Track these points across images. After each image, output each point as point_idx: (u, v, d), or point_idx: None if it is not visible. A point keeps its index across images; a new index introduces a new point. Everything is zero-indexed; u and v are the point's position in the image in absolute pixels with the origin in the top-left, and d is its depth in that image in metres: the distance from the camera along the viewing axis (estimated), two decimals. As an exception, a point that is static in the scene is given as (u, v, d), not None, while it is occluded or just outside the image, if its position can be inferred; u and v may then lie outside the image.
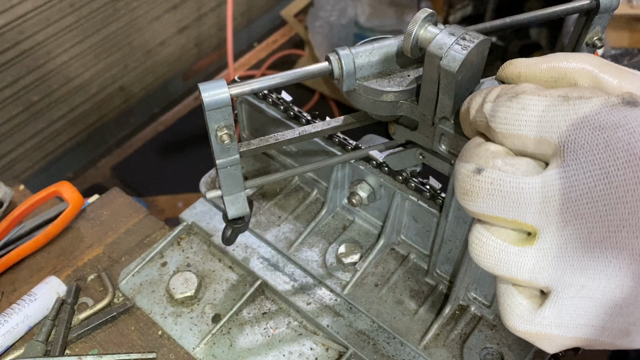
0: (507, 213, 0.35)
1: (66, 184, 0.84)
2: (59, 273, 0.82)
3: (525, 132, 0.35)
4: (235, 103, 0.85)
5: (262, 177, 0.61)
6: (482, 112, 0.38)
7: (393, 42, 0.50)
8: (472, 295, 0.75)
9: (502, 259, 0.36)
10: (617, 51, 1.69)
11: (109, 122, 2.18)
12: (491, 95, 0.38)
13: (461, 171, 0.37)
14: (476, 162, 0.36)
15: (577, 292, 0.35)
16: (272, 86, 0.49)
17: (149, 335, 0.75)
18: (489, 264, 0.37)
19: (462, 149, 0.39)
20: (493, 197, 0.35)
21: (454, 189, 0.38)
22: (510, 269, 0.36)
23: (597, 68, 0.38)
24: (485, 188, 0.35)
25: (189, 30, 2.28)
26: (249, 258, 0.80)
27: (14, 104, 1.78)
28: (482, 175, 0.36)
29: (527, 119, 0.35)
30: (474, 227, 0.38)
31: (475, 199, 0.36)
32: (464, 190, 0.37)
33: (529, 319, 0.37)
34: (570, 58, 0.39)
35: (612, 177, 0.32)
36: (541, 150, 0.35)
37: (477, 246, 0.37)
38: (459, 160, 0.38)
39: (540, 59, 0.41)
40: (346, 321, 0.74)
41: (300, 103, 2.15)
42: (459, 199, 0.38)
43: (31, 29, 1.71)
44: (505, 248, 0.36)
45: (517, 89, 0.37)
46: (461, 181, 0.37)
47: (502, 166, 0.35)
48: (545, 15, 0.54)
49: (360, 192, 0.77)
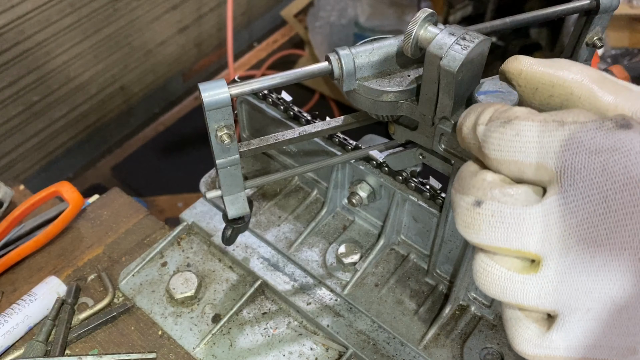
0: (510, 243, 0.35)
1: (66, 184, 0.84)
2: (59, 273, 0.82)
3: (521, 158, 0.35)
4: (235, 103, 0.85)
5: (262, 177, 0.61)
6: (474, 134, 0.38)
7: (393, 42, 0.50)
8: (472, 295, 0.75)
9: (507, 287, 0.37)
10: (617, 51, 1.69)
11: (109, 122, 2.18)
12: (483, 117, 0.38)
13: (460, 204, 0.37)
14: (474, 195, 0.36)
15: (583, 315, 0.35)
16: (272, 86, 0.49)
17: (149, 335, 0.75)
18: (494, 292, 0.37)
19: (457, 177, 0.39)
20: (495, 229, 0.35)
21: (455, 220, 0.38)
22: (516, 296, 0.36)
23: (596, 83, 0.38)
24: (486, 221, 0.36)
25: (189, 30, 2.29)
26: (249, 258, 0.80)
27: (14, 104, 1.78)
28: (482, 208, 0.36)
29: (522, 145, 0.35)
30: (478, 256, 0.38)
31: (478, 232, 0.36)
32: (466, 223, 0.37)
33: (538, 343, 0.37)
34: (572, 68, 0.39)
35: (610, 201, 0.33)
36: (538, 176, 0.35)
37: (482, 275, 0.38)
38: (455, 191, 0.38)
39: (544, 62, 0.40)
40: (346, 321, 0.74)
41: (300, 103, 2.15)
42: (460, 232, 0.38)
43: (31, 29, 1.71)
44: (510, 277, 0.36)
45: (510, 113, 0.37)
46: (461, 214, 0.37)
47: (500, 197, 0.35)
48: (545, 15, 0.54)
49: (360, 192, 0.77)
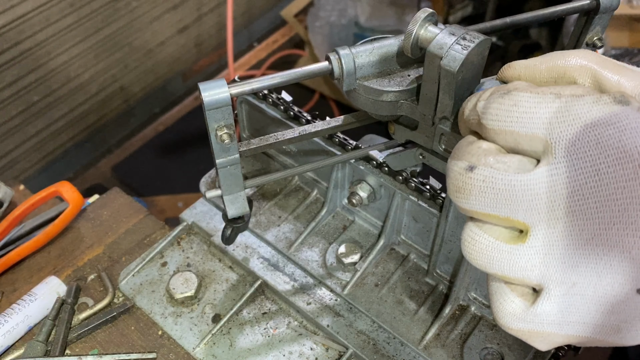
0: (499, 210, 0.35)
1: (66, 184, 0.84)
2: (59, 273, 0.82)
3: (517, 128, 0.35)
4: (235, 103, 0.85)
5: (262, 177, 0.61)
6: (474, 110, 0.39)
7: (393, 41, 0.50)
8: (472, 295, 0.75)
9: (494, 257, 0.36)
10: (617, 51, 1.69)
11: (109, 122, 2.18)
12: (485, 94, 0.39)
13: (453, 169, 0.37)
14: (468, 160, 0.37)
15: (568, 289, 0.35)
16: (272, 86, 0.49)
17: (149, 335, 0.75)
18: (481, 262, 0.37)
19: (455, 147, 0.40)
20: (485, 195, 0.35)
21: (447, 186, 0.38)
22: (502, 266, 0.36)
23: (596, 64, 0.38)
24: (477, 185, 0.36)
25: (189, 30, 2.29)
26: (249, 258, 0.80)
27: (14, 104, 1.78)
28: (474, 173, 0.36)
29: (519, 115, 0.35)
30: (467, 225, 0.38)
31: (468, 197, 0.36)
32: (457, 187, 0.37)
33: (522, 317, 0.37)
34: (568, 55, 0.39)
35: (602, 174, 0.32)
36: (532, 147, 0.35)
37: (469, 244, 0.38)
38: (451, 158, 0.39)
39: (538, 59, 0.41)
40: (346, 321, 0.74)
41: (300, 103, 2.15)
42: (451, 196, 0.38)
43: (31, 29, 1.71)
44: (497, 246, 0.36)
45: (510, 86, 0.37)
46: (453, 179, 0.37)
47: (494, 163, 0.35)
48: (545, 15, 0.54)
49: (360, 192, 0.77)
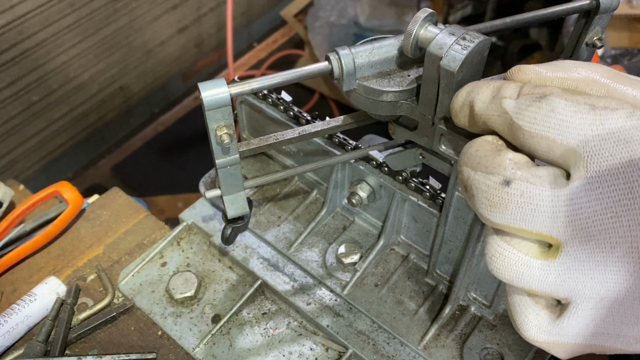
0: (534, 225, 0.35)
1: (66, 184, 0.84)
2: (58, 273, 0.82)
3: (554, 135, 0.35)
4: (235, 103, 0.85)
5: (262, 177, 0.61)
6: (499, 107, 0.38)
7: (393, 42, 0.50)
8: (472, 295, 0.75)
9: (524, 272, 0.36)
10: (617, 51, 1.69)
11: (108, 122, 2.18)
12: (509, 91, 0.38)
13: (486, 182, 0.36)
14: (501, 173, 0.36)
15: (596, 303, 0.35)
16: (272, 86, 0.49)
17: (149, 335, 0.75)
18: (509, 277, 0.37)
19: (470, 154, 0.38)
20: (523, 209, 0.35)
21: (473, 200, 0.37)
22: (531, 282, 0.36)
23: (609, 79, 0.38)
24: (514, 201, 0.35)
25: (189, 30, 2.28)
26: (249, 258, 0.80)
27: (14, 104, 1.78)
28: (511, 188, 0.35)
29: (556, 122, 0.35)
30: (492, 239, 0.38)
31: (504, 211, 0.36)
32: (491, 202, 0.36)
33: (548, 330, 0.37)
34: (580, 68, 0.39)
35: (635, 192, 0.32)
36: (564, 157, 0.35)
37: (497, 260, 0.37)
38: (472, 169, 0.37)
39: (549, 66, 0.40)
40: (346, 321, 0.74)
41: (300, 103, 2.14)
42: (483, 211, 0.37)
43: (31, 29, 1.71)
44: (528, 262, 0.36)
45: (545, 90, 0.36)
46: (487, 193, 0.36)
47: (530, 178, 0.35)
48: (545, 15, 0.54)
49: (360, 192, 0.77)
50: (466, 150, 0.39)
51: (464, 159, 0.39)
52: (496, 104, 0.38)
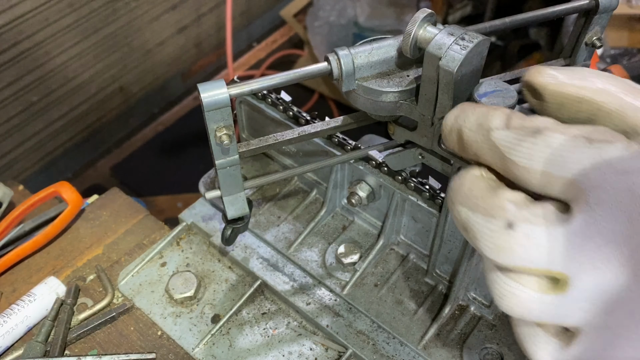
0: (540, 264, 0.35)
1: (65, 184, 0.84)
2: (58, 273, 0.82)
3: (552, 170, 0.35)
4: (234, 103, 0.85)
5: (262, 177, 0.62)
6: (489, 140, 0.37)
7: (392, 42, 0.50)
8: (472, 295, 0.75)
9: (535, 308, 0.36)
10: (617, 51, 1.69)
11: (108, 122, 2.18)
12: (495, 122, 0.37)
13: (489, 227, 0.36)
14: (503, 217, 0.35)
15: (604, 331, 0.35)
16: (271, 86, 0.49)
17: (149, 335, 0.75)
18: (521, 313, 0.37)
19: (463, 192, 0.38)
20: (530, 251, 0.35)
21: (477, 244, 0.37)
22: (541, 315, 0.36)
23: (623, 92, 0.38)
24: (519, 243, 0.35)
25: (188, 30, 2.28)
26: (249, 258, 0.80)
27: (14, 104, 1.78)
28: (515, 231, 0.35)
29: (553, 158, 0.35)
30: (497, 277, 0.37)
31: (511, 255, 0.35)
32: (497, 247, 0.36)
33: (559, 357, 0.38)
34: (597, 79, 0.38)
35: (635, 222, 0.32)
36: (564, 191, 0.35)
37: (509, 299, 0.37)
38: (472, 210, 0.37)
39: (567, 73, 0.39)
40: (346, 321, 0.74)
41: (300, 103, 2.14)
42: (489, 255, 0.36)
43: (30, 29, 1.71)
44: (538, 298, 0.36)
45: (538, 123, 0.36)
46: (492, 237, 0.36)
47: (532, 218, 0.35)
48: (544, 15, 0.54)
49: (360, 192, 0.77)
50: (458, 188, 0.39)
51: (457, 198, 0.38)
52: (484, 135, 0.38)
